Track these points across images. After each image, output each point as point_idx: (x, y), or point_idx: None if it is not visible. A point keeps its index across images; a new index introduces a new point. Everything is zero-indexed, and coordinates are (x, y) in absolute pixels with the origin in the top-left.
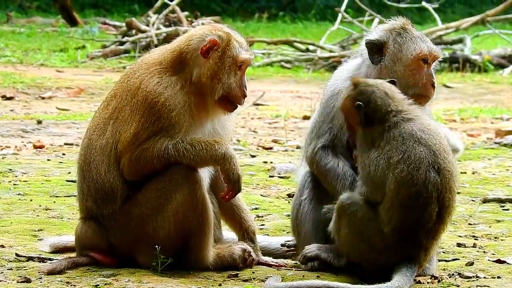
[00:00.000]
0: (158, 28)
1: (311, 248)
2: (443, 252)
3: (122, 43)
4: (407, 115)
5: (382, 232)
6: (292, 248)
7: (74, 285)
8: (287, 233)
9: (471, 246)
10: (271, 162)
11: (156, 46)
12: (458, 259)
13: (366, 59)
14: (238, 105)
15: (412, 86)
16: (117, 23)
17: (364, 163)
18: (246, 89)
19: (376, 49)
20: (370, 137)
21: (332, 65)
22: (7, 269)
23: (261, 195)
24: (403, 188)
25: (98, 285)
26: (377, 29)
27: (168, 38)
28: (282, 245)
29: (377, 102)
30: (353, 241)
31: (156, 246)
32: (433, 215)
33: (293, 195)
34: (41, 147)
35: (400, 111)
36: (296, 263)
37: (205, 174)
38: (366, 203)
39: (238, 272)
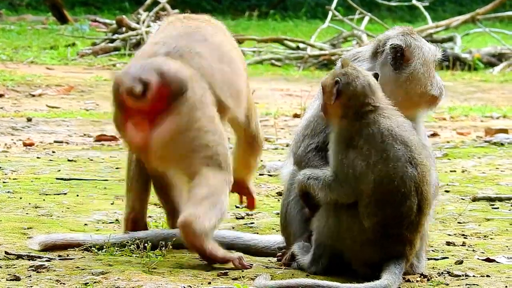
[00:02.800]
0: (148, 26)
1: (294, 248)
2: (432, 250)
3: (112, 41)
4: (386, 112)
5: (364, 227)
6: (283, 251)
7: (64, 283)
8: (277, 231)
9: (461, 245)
10: (261, 160)
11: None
12: (448, 258)
13: (378, 64)
14: None
15: (431, 88)
16: (107, 21)
17: (342, 163)
18: None
19: (399, 54)
20: (347, 133)
21: (323, 63)
22: None
23: None
24: (382, 185)
25: (88, 283)
26: (391, 34)
27: None
28: (280, 248)
29: (357, 88)
30: (336, 237)
31: (146, 244)
32: (414, 208)
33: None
34: (31, 144)
35: (378, 107)
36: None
37: None
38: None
39: (227, 270)
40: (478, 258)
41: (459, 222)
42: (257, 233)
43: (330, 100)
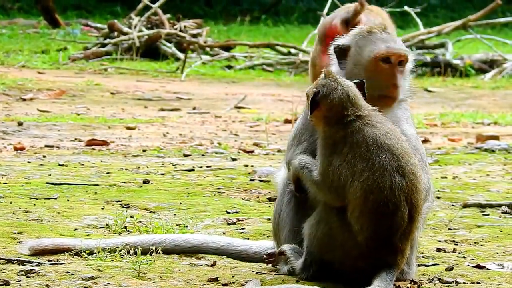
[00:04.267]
0: (140, 31)
1: (286, 249)
2: (422, 257)
3: (104, 45)
4: (370, 120)
5: (356, 240)
6: (272, 258)
7: None
8: (268, 237)
9: (451, 251)
10: (252, 166)
11: (138, 48)
12: (438, 264)
13: (335, 65)
14: None
15: (374, 88)
16: (99, 25)
17: (327, 170)
18: None
19: (342, 54)
20: (331, 140)
21: None
22: None
23: (242, 199)
24: (371, 195)
25: None
26: (347, 35)
27: (150, 41)
28: (268, 254)
29: (334, 100)
30: (328, 247)
31: (136, 249)
32: (405, 218)
33: (274, 198)
34: (22, 149)
35: (360, 116)
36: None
37: None
38: (340, 211)
39: (218, 276)
40: (468, 265)
41: (449, 229)
42: (248, 238)
43: (310, 111)
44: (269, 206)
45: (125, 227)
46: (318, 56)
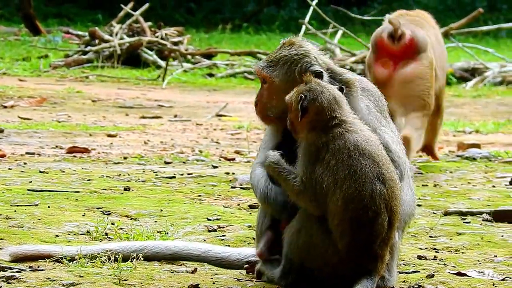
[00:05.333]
0: (121, 38)
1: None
2: (403, 264)
3: (85, 53)
4: (352, 127)
5: (337, 247)
6: (253, 266)
7: None
8: (249, 244)
9: (432, 259)
10: (233, 173)
11: (119, 56)
12: (419, 272)
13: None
14: None
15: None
16: (80, 33)
17: (310, 179)
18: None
19: None
20: (314, 147)
21: None
22: None
23: (223, 206)
24: (352, 204)
25: None
26: None
27: (131, 48)
28: (248, 262)
29: (323, 103)
30: (308, 255)
31: (117, 256)
32: (385, 225)
33: (255, 206)
34: (2, 156)
35: (344, 121)
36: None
37: None
38: (320, 218)
39: (198, 283)
40: (449, 272)
41: (430, 236)
42: (229, 245)
43: (297, 118)
44: (250, 213)
45: (106, 234)
46: (372, 64)
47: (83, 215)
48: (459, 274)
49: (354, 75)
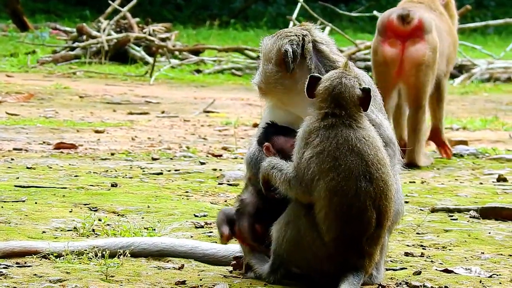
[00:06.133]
0: (109, 34)
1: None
2: (390, 261)
3: (72, 49)
4: (348, 121)
5: (324, 241)
6: (240, 262)
7: None
8: (235, 240)
9: (419, 256)
10: (221, 170)
11: (106, 52)
12: (406, 268)
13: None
14: None
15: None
16: (67, 29)
17: (300, 161)
18: None
19: None
20: (308, 129)
21: None
22: None
23: (210, 203)
24: (335, 197)
25: None
26: None
27: (118, 44)
28: (235, 258)
29: (322, 89)
30: (296, 249)
31: (104, 252)
32: (372, 222)
33: None
34: None
35: (338, 114)
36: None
37: None
38: (308, 212)
39: (185, 279)
40: (436, 269)
41: (417, 233)
42: (216, 242)
43: (308, 95)
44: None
45: (93, 230)
46: (378, 45)
47: (70, 211)
48: (446, 271)
49: (349, 63)
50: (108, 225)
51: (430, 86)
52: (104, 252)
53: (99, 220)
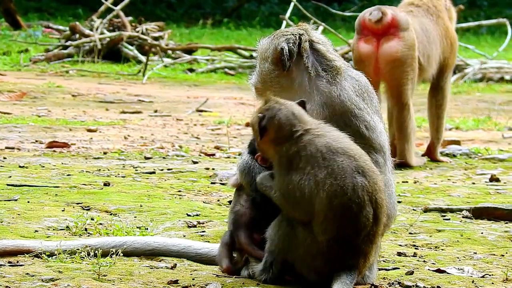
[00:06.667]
0: (102, 33)
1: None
2: (383, 261)
3: (65, 47)
4: (319, 131)
5: (319, 241)
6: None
7: None
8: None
9: (412, 255)
10: (213, 169)
11: (99, 50)
12: (398, 268)
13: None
14: None
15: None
16: (60, 27)
17: (287, 189)
18: None
19: None
20: (285, 158)
21: None
22: None
23: (203, 202)
24: (335, 199)
25: None
26: None
27: (111, 43)
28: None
29: (281, 120)
30: (289, 246)
31: (96, 251)
32: (370, 218)
33: None
34: None
35: (309, 130)
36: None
37: None
38: None
39: (178, 279)
40: (428, 269)
41: (410, 233)
42: (209, 241)
43: (258, 138)
44: (229, 210)
45: (86, 229)
46: (355, 43)
47: (62, 210)
48: (439, 271)
49: (345, 63)
50: (100, 224)
51: (411, 84)
52: (96, 251)
53: (92, 219)
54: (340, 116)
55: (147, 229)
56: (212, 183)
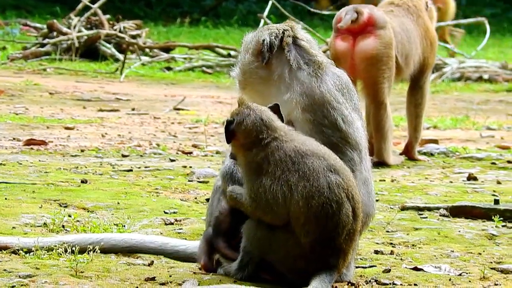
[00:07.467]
0: (79, 31)
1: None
2: (360, 258)
3: (43, 45)
4: (287, 137)
5: (300, 242)
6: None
7: None
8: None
9: (389, 253)
10: (191, 167)
11: (77, 48)
12: (375, 266)
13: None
14: None
15: None
16: (38, 25)
17: (258, 193)
18: None
19: None
20: (254, 163)
21: None
22: None
23: (180, 199)
24: (313, 200)
25: (15, 286)
26: None
27: (89, 41)
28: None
29: (248, 126)
30: (268, 248)
31: (74, 248)
32: (349, 215)
33: None
34: None
35: (277, 137)
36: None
37: None
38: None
39: (155, 276)
40: (406, 267)
41: (387, 231)
42: (186, 239)
43: (226, 140)
44: (207, 207)
45: (63, 226)
46: (331, 41)
47: (40, 207)
48: (416, 269)
49: (328, 60)
50: (78, 221)
51: (387, 82)
52: (74, 248)
53: (69, 216)
54: (319, 107)
55: (124, 226)
56: (189, 181)
